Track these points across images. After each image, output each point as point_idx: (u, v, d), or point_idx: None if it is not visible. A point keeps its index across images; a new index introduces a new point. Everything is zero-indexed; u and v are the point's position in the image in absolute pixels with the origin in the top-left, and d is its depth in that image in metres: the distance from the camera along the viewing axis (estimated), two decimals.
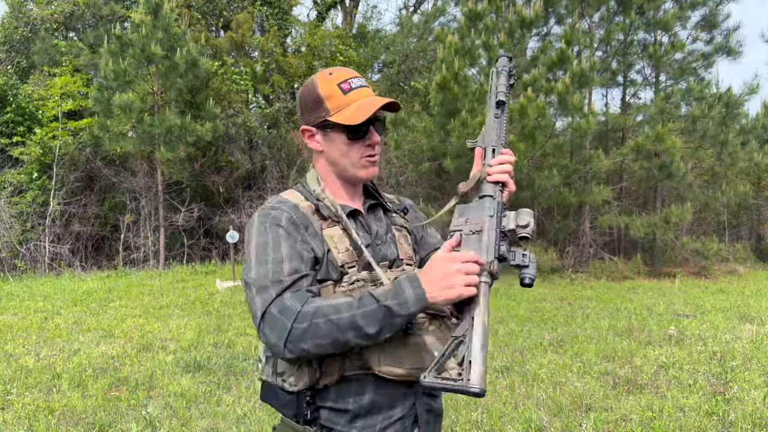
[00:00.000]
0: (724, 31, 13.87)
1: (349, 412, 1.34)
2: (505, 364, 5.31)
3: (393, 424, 1.37)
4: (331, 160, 1.46)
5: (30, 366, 5.30)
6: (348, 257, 1.37)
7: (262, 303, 1.26)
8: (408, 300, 1.20)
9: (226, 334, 6.58)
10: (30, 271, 12.68)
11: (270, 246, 1.32)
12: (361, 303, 1.22)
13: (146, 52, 12.51)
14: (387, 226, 1.53)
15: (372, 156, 1.45)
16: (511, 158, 1.38)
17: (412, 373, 1.33)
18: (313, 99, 1.42)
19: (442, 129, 11.84)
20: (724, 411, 4.06)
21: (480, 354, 1.17)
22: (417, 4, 21.00)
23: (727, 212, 16.79)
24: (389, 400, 1.37)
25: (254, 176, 15.58)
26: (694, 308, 8.36)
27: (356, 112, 1.37)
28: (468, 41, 11.65)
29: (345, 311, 1.22)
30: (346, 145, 1.42)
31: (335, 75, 1.42)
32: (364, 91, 1.42)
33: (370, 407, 1.35)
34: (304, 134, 1.47)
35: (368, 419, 1.35)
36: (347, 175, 1.46)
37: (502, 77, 1.45)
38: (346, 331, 1.21)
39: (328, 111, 1.40)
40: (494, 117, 1.43)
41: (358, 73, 1.51)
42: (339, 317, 1.21)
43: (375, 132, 1.43)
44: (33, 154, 13.46)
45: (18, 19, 16.33)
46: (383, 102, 1.40)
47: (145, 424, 3.92)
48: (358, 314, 1.21)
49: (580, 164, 12.29)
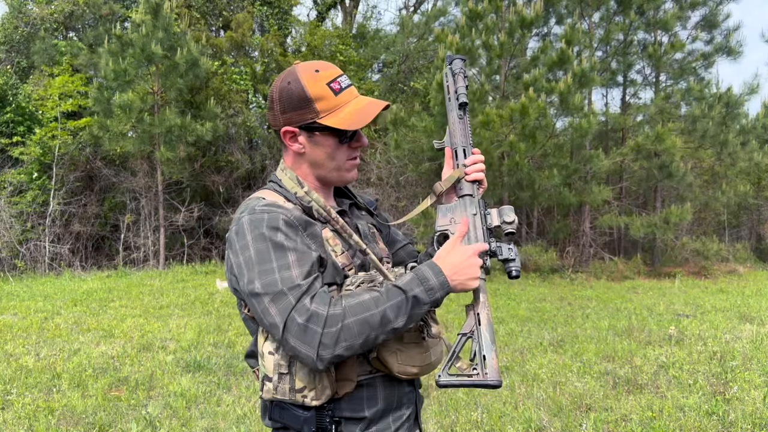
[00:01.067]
0: (724, 31, 13.89)
1: (365, 419, 1.31)
2: (505, 364, 5.31)
3: (404, 423, 1.38)
4: (314, 162, 1.38)
5: (30, 366, 5.30)
6: (345, 259, 1.32)
7: (281, 312, 1.17)
8: (434, 287, 1.21)
9: (226, 334, 6.58)
10: (30, 271, 12.68)
11: (272, 252, 1.22)
12: (389, 295, 1.19)
13: (146, 51, 12.51)
14: (368, 224, 1.51)
15: (355, 159, 1.41)
16: (482, 157, 1.43)
17: (423, 370, 1.35)
18: (298, 98, 1.32)
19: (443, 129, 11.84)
20: (724, 411, 4.06)
21: (492, 348, 1.23)
22: (417, 4, 21.01)
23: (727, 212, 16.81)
24: (398, 400, 1.37)
25: (254, 176, 15.57)
26: (694, 308, 8.36)
27: (353, 116, 1.31)
28: (468, 41, 11.65)
29: (374, 307, 1.18)
30: (333, 148, 1.35)
31: (322, 73, 1.33)
32: (353, 91, 1.37)
33: (384, 410, 1.34)
34: (284, 136, 1.36)
35: (381, 423, 1.34)
36: (329, 177, 1.40)
37: (460, 79, 1.47)
38: (377, 328, 1.17)
39: (318, 113, 1.31)
40: (458, 118, 1.46)
41: (354, 72, 1.51)
42: (371, 314, 1.17)
43: (363, 135, 1.41)
44: (33, 154, 13.46)
45: (18, 18, 16.33)
46: (382, 106, 1.35)
47: (145, 424, 3.92)
48: (388, 307, 1.18)
49: (581, 164, 12.29)
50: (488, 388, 1.21)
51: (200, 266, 13.04)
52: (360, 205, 1.55)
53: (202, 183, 15.03)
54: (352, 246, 1.36)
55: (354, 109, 1.33)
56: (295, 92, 1.32)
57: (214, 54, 15.30)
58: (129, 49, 12.67)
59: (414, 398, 1.44)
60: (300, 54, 17.05)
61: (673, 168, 12.25)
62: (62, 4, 16.26)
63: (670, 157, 12.19)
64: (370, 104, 1.35)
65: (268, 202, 1.31)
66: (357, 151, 1.41)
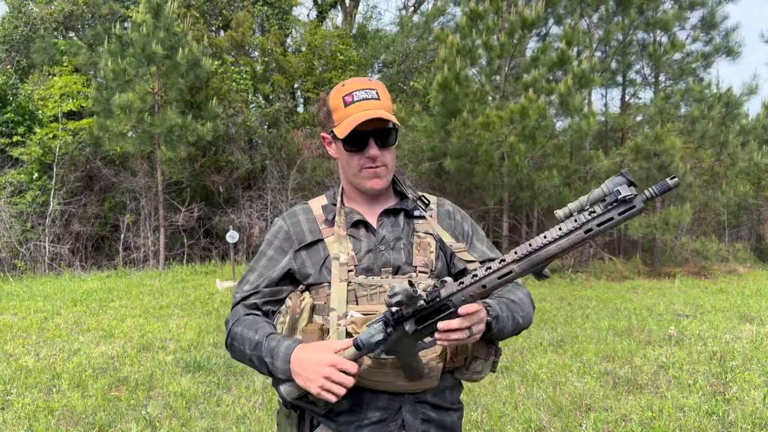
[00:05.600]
0: (723, 31, 13.89)
1: (331, 408, 1.38)
2: (505, 364, 5.31)
3: (372, 424, 1.39)
4: (342, 167, 1.53)
5: (30, 366, 5.30)
6: (349, 261, 1.42)
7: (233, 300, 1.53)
8: (278, 369, 1.33)
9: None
10: (30, 271, 12.68)
11: (260, 255, 1.54)
12: (257, 348, 1.37)
13: (146, 51, 12.50)
14: (402, 233, 1.49)
15: (371, 168, 1.45)
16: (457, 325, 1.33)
17: (377, 384, 1.37)
18: (326, 109, 1.49)
19: (443, 129, 11.84)
20: (724, 411, 4.06)
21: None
22: (417, 4, 21.01)
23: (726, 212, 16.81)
24: (369, 401, 1.39)
25: (254, 176, 15.56)
26: (694, 308, 8.36)
27: (346, 126, 1.40)
28: (469, 41, 11.65)
29: (248, 348, 1.39)
30: (346, 156, 1.47)
31: (346, 87, 1.45)
32: (365, 104, 1.41)
33: (350, 406, 1.39)
34: (324, 140, 1.55)
35: (349, 416, 1.40)
36: (353, 183, 1.51)
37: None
38: (252, 363, 1.40)
39: (333, 123, 1.46)
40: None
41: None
42: (244, 350, 1.40)
43: (373, 145, 1.42)
44: (33, 154, 13.45)
45: (18, 18, 16.32)
46: (368, 117, 1.38)
47: (145, 424, 3.92)
48: (254, 355, 1.37)
49: (580, 164, 12.30)
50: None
51: (200, 266, 13.04)
52: (410, 213, 1.53)
53: (202, 183, 15.02)
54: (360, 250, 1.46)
55: (351, 120, 1.40)
56: (326, 104, 1.50)
57: (214, 53, 15.30)
58: (129, 49, 12.66)
59: (398, 408, 1.39)
60: (300, 54, 17.05)
61: (672, 168, 12.24)
62: (62, 3, 16.26)
63: (670, 158, 12.19)
64: (361, 115, 1.39)
65: (298, 207, 1.58)
66: (373, 162, 1.45)
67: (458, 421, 1.52)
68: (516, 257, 1.19)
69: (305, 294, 1.45)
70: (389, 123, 1.43)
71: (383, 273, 1.42)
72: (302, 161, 14.79)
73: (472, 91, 11.49)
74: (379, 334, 1.26)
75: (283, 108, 15.92)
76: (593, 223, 1.14)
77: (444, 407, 1.47)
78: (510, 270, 1.20)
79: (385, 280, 1.40)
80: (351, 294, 1.39)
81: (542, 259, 1.18)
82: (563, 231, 1.16)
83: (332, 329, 1.36)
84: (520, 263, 1.19)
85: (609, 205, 1.13)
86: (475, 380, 1.48)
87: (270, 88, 16.31)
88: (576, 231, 1.15)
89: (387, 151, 1.45)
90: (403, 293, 1.19)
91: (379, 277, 1.41)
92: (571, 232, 1.16)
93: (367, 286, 1.39)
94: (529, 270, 1.19)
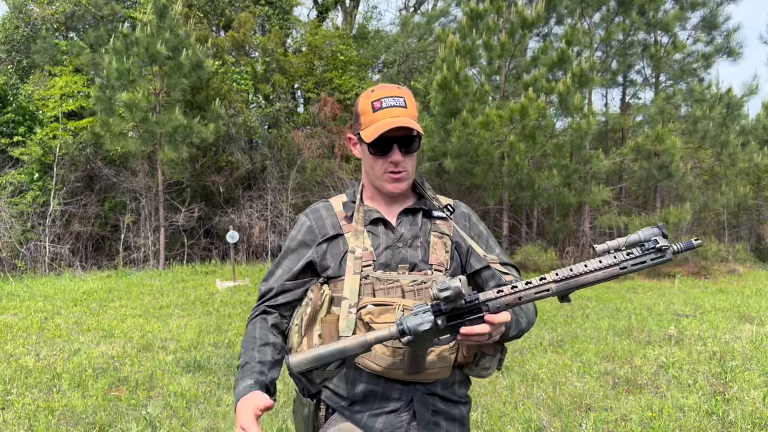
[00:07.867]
0: (724, 32, 13.89)
1: (345, 397, 1.49)
2: (505, 364, 5.30)
3: (385, 414, 1.47)
4: (365, 169, 1.60)
5: (30, 366, 5.30)
6: (367, 256, 1.50)
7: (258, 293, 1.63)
8: (234, 395, 1.42)
9: (226, 334, 6.59)
10: (30, 271, 12.67)
11: (285, 251, 1.61)
12: (239, 367, 1.49)
13: (150, 51, 12.50)
14: (420, 231, 1.57)
15: (394, 173, 1.52)
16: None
17: (386, 372, 1.44)
18: (355, 112, 1.57)
19: (443, 129, 11.85)
20: (724, 411, 4.07)
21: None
22: (417, 4, 21.01)
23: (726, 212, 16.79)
24: (382, 392, 1.47)
25: (254, 176, 15.57)
26: (694, 308, 8.36)
27: (373, 131, 1.47)
28: (469, 41, 11.65)
29: (242, 354, 1.51)
30: (371, 159, 1.54)
31: (376, 93, 1.52)
32: (393, 111, 1.48)
33: (364, 396, 1.47)
34: (349, 141, 1.62)
35: (363, 405, 1.48)
36: (375, 184, 1.58)
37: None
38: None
39: (361, 125, 1.53)
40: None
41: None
42: (242, 351, 1.52)
43: (397, 151, 1.49)
44: (33, 154, 13.45)
45: (19, 18, 16.32)
46: (395, 125, 1.45)
47: (145, 424, 3.92)
48: (240, 365, 1.49)
49: (580, 164, 12.30)
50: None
51: (200, 266, 13.04)
52: (429, 213, 1.61)
53: (202, 183, 15.02)
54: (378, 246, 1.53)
55: (376, 126, 1.47)
56: (355, 107, 1.58)
57: (216, 53, 15.30)
58: (133, 48, 12.66)
59: (410, 399, 1.48)
60: (300, 54, 17.06)
61: (672, 168, 12.25)
62: (63, 4, 16.26)
63: (670, 158, 12.19)
64: (389, 122, 1.46)
65: (320, 204, 1.65)
66: (396, 166, 1.52)
67: (467, 414, 1.60)
68: (557, 278, 1.30)
69: (324, 287, 1.53)
70: (413, 131, 1.49)
71: (400, 269, 1.49)
72: (302, 161, 14.79)
73: (472, 91, 11.49)
74: (427, 324, 1.31)
75: (284, 108, 15.92)
76: (629, 263, 1.30)
77: (453, 400, 1.54)
78: (548, 288, 1.31)
79: (402, 275, 1.47)
80: (369, 287, 1.47)
81: (579, 285, 1.31)
82: (603, 264, 1.30)
83: (342, 317, 1.44)
84: (559, 284, 1.30)
85: (646, 251, 1.29)
86: (483, 376, 1.56)
87: (270, 89, 16.31)
88: (613, 266, 1.30)
89: (409, 157, 1.53)
90: (454, 289, 1.27)
91: (396, 273, 1.48)
92: (609, 267, 1.30)
93: (384, 281, 1.46)
94: (563, 291, 1.31)
